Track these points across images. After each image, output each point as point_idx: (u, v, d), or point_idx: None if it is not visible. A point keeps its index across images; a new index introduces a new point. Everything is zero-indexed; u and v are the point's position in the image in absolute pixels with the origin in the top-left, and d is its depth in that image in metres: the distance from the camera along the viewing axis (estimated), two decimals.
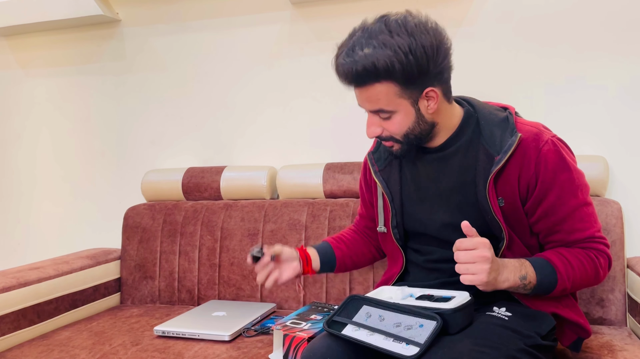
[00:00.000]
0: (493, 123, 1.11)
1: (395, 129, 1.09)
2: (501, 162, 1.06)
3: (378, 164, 1.26)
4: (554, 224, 1.09)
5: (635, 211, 1.58)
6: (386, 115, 1.08)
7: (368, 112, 1.11)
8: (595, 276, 1.08)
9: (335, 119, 1.87)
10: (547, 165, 1.06)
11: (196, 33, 2.01)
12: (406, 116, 1.07)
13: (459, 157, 1.13)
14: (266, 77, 1.94)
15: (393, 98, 1.04)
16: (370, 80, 1.02)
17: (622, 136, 1.59)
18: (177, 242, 1.84)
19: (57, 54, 2.19)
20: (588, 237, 1.08)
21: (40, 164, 2.25)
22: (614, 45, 1.59)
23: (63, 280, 1.67)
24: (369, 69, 1.00)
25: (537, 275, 1.03)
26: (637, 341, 1.29)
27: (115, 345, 1.40)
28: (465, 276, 0.96)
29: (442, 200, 1.15)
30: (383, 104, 1.06)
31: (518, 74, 1.67)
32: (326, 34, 1.85)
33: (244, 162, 1.99)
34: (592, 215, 1.10)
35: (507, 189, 1.08)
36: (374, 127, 1.11)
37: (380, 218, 1.26)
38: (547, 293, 1.06)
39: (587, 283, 1.09)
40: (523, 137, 1.07)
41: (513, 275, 1.01)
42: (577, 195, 1.07)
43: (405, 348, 0.90)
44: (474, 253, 0.96)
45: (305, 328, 1.27)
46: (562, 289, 1.05)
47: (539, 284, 1.04)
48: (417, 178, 1.19)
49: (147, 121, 2.10)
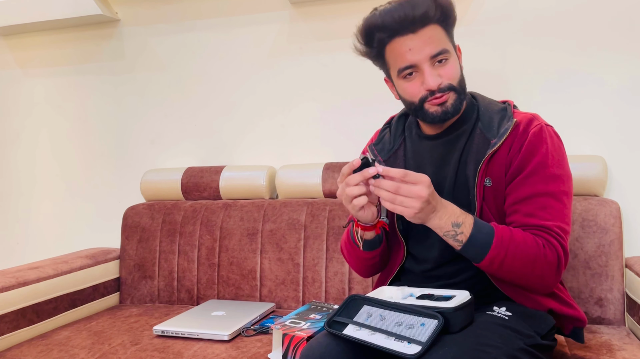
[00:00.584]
0: (492, 111, 1.16)
1: (454, 72, 1.10)
2: (496, 145, 1.09)
3: (381, 154, 1.26)
4: (514, 202, 1.07)
5: (633, 211, 1.58)
6: (445, 57, 1.08)
7: (424, 63, 1.08)
8: (534, 263, 1.01)
9: (334, 119, 1.87)
10: (529, 144, 1.08)
11: (195, 33, 2.01)
12: (456, 61, 1.12)
13: (462, 141, 1.16)
14: (265, 77, 1.94)
15: (446, 40, 1.10)
16: (430, 19, 1.07)
17: (621, 136, 1.59)
18: (176, 242, 1.84)
19: (56, 54, 2.19)
20: (544, 226, 1.04)
21: (39, 164, 2.25)
22: (613, 44, 1.59)
23: (62, 279, 1.67)
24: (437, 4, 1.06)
25: (473, 229, 1.01)
26: (635, 340, 1.29)
27: (114, 345, 1.40)
28: (395, 206, 0.98)
29: (445, 183, 1.16)
30: (444, 44, 1.09)
31: (516, 73, 1.67)
32: (325, 33, 1.86)
33: (243, 162, 1.99)
34: (559, 211, 1.06)
35: (495, 169, 1.10)
36: (434, 77, 1.08)
37: (383, 208, 1.25)
38: (478, 256, 1.02)
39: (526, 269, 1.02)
40: (518, 122, 1.11)
41: (447, 217, 1.01)
42: (548, 183, 1.06)
43: (407, 347, 0.90)
44: (412, 188, 0.96)
45: (305, 327, 1.27)
46: (494, 255, 1.00)
47: (471, 238, 1.01)
48: (422, 165, 1.20)
49: (147, 121, 2.10)
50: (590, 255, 1.45)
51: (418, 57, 1.08)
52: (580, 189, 1.50)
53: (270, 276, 1.72)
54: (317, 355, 0.98)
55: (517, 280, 1.06)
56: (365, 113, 1.82)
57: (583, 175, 1.49)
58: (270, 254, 1.72)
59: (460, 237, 1.01)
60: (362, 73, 1.80)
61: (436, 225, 1.02)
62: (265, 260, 1.73)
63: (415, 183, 0.97)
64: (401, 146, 1.25)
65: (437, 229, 1.03)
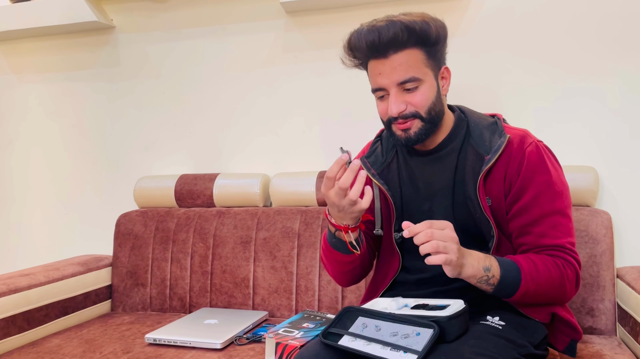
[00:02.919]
0: (482, 126, 1.16)
1: (421, 101, 1.09)
2: (491, 162, 1.09)
3: (374, 167, 1.25)
4: (525, 224, 1.09)
5: (624, 222, 1.59)
6: (414, 85, 1.08)
7: (392, 88, 1.09)
8: (560, 286, 1.05)
9: (328, 127, 1.88)
10: (528, 165, 1.09)
11: (190, 40, 2.01)
12: (431, 88, 1.10)
13: (452, 158, 1.16)
14: (260, 85, 1.95)
15: (421, 66, 1.08)
16: (403, 44, 1.06)
17: (612, 147, 1.61)
18: (169, 249, 1.83)
19: (51, 60, 2.19)
20: (558, 245, 1.07)
21: (32, 170, 2.24)
22: (604, 57, 1.61)
23: (53, 286, 1.66)
24: (408, 29, 1.04)
25: (501, 270, 1.02)
26: (626, 350, 1.30)
27: (105, 353, 1.39)
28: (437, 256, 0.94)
29: (438, 199, 1.17)
30: (413, 71, 1.07)
31: (508, 86, 1.69)
32: (320, 42, 1.87)
33: (237, 170, 1.99)
34: (567, 227, 1.09)
35: (494, 188, 1.11)
36: (399, 103, 1.09)
37: (378, 221, 1.25)
38: (510, 294, 1.04)
39: (552, 292, 1.06)
40: (511, 139, 1.11)
41: (477, 263, 1.00)
42: (554, 201, 1.08)
43: (403, 356, 0.90)
44: (444, 233, 0.96)
45: (298, 336, 1.27)
46: (525, 291, 1.03)
47: (502, 279, 1.02)
48: (415, 180, 1.21)
49: (141, 128, 2.10)
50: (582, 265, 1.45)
51: (386, 81, 1.09)
52: (572, 200, 1.50)
53: (264, 285, 1.71)
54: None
55: (543, 301, 1.08)
56: (359, 122, 1.83)
57: (575, 186, 1.50)
58: (263, 262, 1.72)
59: (492, 281, 1.02)
60: (356, 83, 1.81)
61: (471, 274, 1.00)
62: (258, 268, 1.73)
63: (443, 228, 0.96)
64: (394, 159, 1.25)
65: (472, 277, 1.01)
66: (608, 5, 1.60)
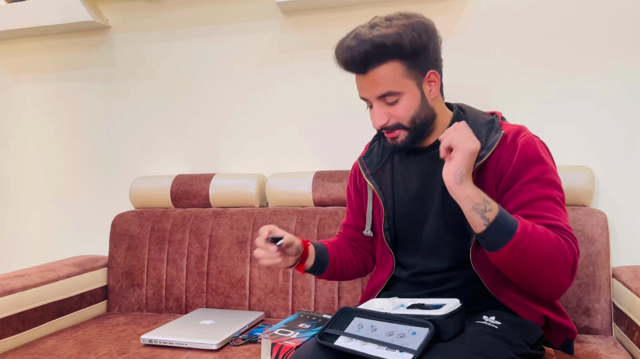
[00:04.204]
0: (480, 123, 1.15)
1: (403, 113, 1.09)
2: (484, 158, 1.08)
3: (370, 168, 1.27)
4: (515, 207, 1.05)
5: (620, 221, 1.60)
6: (393, 99, 1.08)
7: (373, 101, 1.11)
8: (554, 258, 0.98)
9: (325, 127, 1.88)
10: (520, 154, 1.07)
11: (186, 40, 2.01)
12: (412, 98, 1.09)
13: None
14: (256, 85, 1.94)
15: (400, 78, 1.07)
16: (378, 60, 1.05)
17: (608, 147, 1.61)
18: (165, 250, 1.83)
19: (46, 60, 2.18)
20: (557, 226, 1.02)
21: (27, 170, 2.23)
22: (600, 57, 1.61)
23: (49, 287, 1.65)
24: (379, 47, 1.03)
25: (499, 210, 0.98)
26: (622, 350, 1.30)
27: (101, 354, 1.38)
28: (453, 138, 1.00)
29: (431, 198, 1.17)
30: (391, 86, 1.07)
31: (504, 85, 1.69)
32: (316, 42, 1.87)
33: (234, 170, 1.99)
34: (559, 212, 1.04)
35: (487, 182, 1.10)
36: (381, 116, 1.10)
37: (369, 221, 1.27)
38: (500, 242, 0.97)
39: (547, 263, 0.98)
40: (505, 134, 1.11)
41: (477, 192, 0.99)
42: (545, 188, 1.05)
43: (399, 355, 0.90)
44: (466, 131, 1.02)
45: (294, 336, 1.26)
46: (517, 242, 0.95)
47: (497, 218, 0.96)
48: (408, 179, 1.21)
49: (137, 128, 2.09)
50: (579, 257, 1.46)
51: (367, 95, 1.11)
52: (568, 199, 1.51)
53: (260, 285, 1.71)
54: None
55: (533, 275, 1.00)
56: (356, 123, 1.83)
57: (570, 186, 1.50)
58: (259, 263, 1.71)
59: (488, 214, 0.97)
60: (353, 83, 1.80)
61: (469, 194, 0.98)
62: (254, 268, 1.72)
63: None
64: (389, 160, 1.26)
65: (467, 199, 0.98)
66: (602, 5, 1.60)
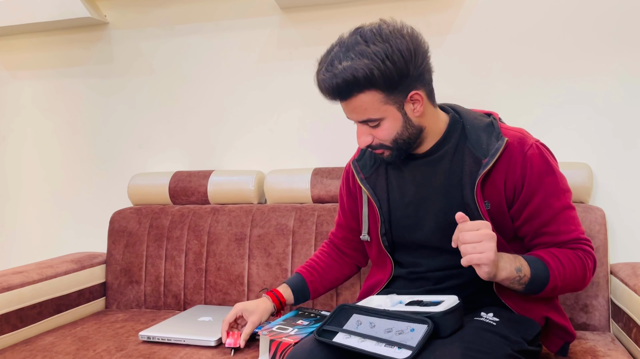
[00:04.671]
0: (479, 127, 1.13)
1: (385, 136, 1.09)
2: (489, 165, 1.07)
3: (363, 171, 1.25)
4: (539, 226, 1.09)
5: (618, 218, 1.60)
6: (374, 124, 1.08)
7: (357, 123, 1.12)
8: (583, 277, 1.08)
9: (323, 124, 1.88)
10: (532, 169, 1.08)
11: (185, 37, 2.00)
12: (394, 121, 1.08)
13: (446, 161, 1.14)
14: (254, 82, 1.94)
15: (379, 106, 1.05)
16: (353, 91, 1.04)
17: (606, 143, 1.61)
18: (163, 246, 1.83)
19: (44, 56, 2.17)
20: (574, 239, 1.09)
21: (25, 167, 2.23)
22: (600, 52, 1.61)
23: (47, 284, 1.65)
24: (349, 81, 1.01)
25: (530, 269, 1.03)
26: (620, 346, 1.31)
27: (99, 351, 1.38)
28: (473, 256, 0.95)
29: (428, 204, 1.16)
30: (370, 113, 1.06)
31: (502, 82, 1.69)
32: (315, 39, 1.86)
33: (232, 166, 1.99)
34: (575, 218, 1.11)
35: (494, 193, 1.09)
36: (364, 137, 1.11)
37: (365, 226, 1.26)
38: (539, 291, 1.05)
39: (575, 283, 1.08)
40: (509, 142, 1.09)
41: (510, 265, 1.01)
42: (561, 198, 1.09)
43: (397, 352, 0.90)
44: (479, 232, 0.96)
45: (292, 333, 1.26)
46: (553, 286, 1.04)
47: (532, 278, 1.03)
48: (404, 184, 1.19)
49: (135, 125, 2.09)
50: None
51: (349, 117, 1.12)
52: None
53: (258, 282, 1.71)
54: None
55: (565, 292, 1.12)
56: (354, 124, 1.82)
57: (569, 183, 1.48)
58: (258, 259, 1.72)
59: (523, 280, 1.03)
60: None
61: (505, 276, 1.01)
62: (253, 265, 1.72)
63: (477, 228, 0.96)
64: (382, 163, 1.24)
65: (505, 281, 1.02)
66: (601, 4, 1.60)
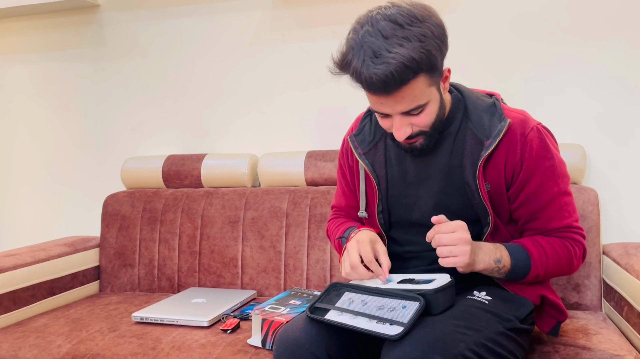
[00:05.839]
0: (481, 108, 1.11)
1: (427, 121, 1.04)
2: (491, 147, 1.06)
3: (362, 147, 1.21)
4: (534, 211, 1.10)
5: (611, 199, 1.60)
6: (419, 110, 1.02)
7: (394, 115, 1.02)
8: (568, 266, 1.09)
9: (317, 107, 1.87)
10: (531, 151, 1.07)
11: (177, 19, 1.99)
12: (435, 103, 1.03)
13: (448, 141, 1.12)
14: (248, 64, 1.93)
15: (424, 89, 0.99)
16: (407, 78, 0.95)
17: (600, 125, 1.61)
18: (157, 230, 1.82)
19: (35, 40, 2.15)
20: (566, 226, 1.09)
21: (18, 151, 2.22)
22: (593, 35, 1.60)
23: (40, 267, 1.64)
24: (407, 66, 0.93)
25: (511, 259, 1.05)
26: (611, 325, 1.31)
27: (92, 331, 1.38)
28: (448, 259, 0.99)
29: (429, 183, 1.15)
30: (419, 99, 1.00)
31: (497, 63, 1.68)
32: (308, 20, 1.85)
33: (225, 150, 1.98)
34: (571, 205, 1.11)
35: (494, 174, 1.09)
36: (405, 128, 1.04)
37: (362, 202, 1.24)
38: (520, 279, 1.08)
39: (561, 271, 1.10)
40: (511, 123, 1.08)
41: (488, 257, 1.04)
42: (558, 183, 1.09)
43: (389, 328, 0.90)
44: (454, 236, 0.98)
45: (284, 312, 1.27)
46: (534, 276, 1.07)
47: (512, 268, 1.05)
48: (404, 162, 1.17)
49: (127, 108, 2.07)
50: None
51: (390, 111, 1.02)
52: None
53: (252, 264, 1.71)
54: (292, 338, 0.98)
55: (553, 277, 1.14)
56: (348, 102, 1.81)
57: None
58: (251, 242, 1.72)
59: (503, 270, 1.05)
60: None
61: (483, 268, 1.04)
62: (246, 247, 1.72)
63: (453, 230, 0.99)
64: (382, 138, 1.20)
65: (484, 271, 1.05)
66: None
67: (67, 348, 1.30)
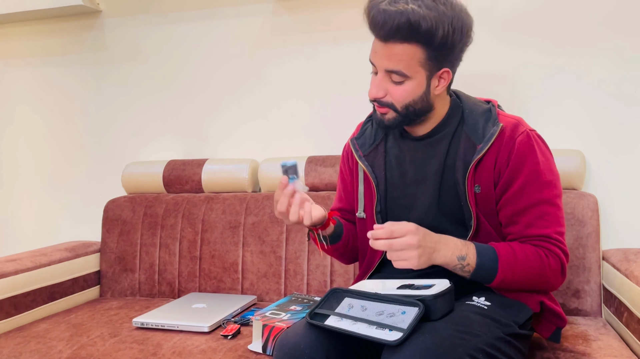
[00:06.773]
0: (477, 113, 1.14)
1: (400, 97, 1.07)
2: (483, 151, 1.08)
3: (362, 149, 1.25)
4: (513, 214, 1.09)
5: (611, 204, 1.60)
6: (399, 79, 1.06)
7: (379, 71, 1.08)
8: (540, 275, 1.06)
9: (317, 112, 1.87)
10: (517, 154, 1.08)
11: (178, 24, 1.99)
12: (417, 87, 1.07)
13: (444, 143, 1.15)
14: (248, 70, 1.93)
15: (414, 64, 1.04)
16: (406, 37, 1.01)
17: (599, 130, 1.61)
18: (157, 235, 1.83)
19: (37, 45, 2.16)
20: (543, 235, 1.07)
21: (19, 156, 2.22)
22: (591, 41, 1.61)
23: (41, 272, 1.65)
24: (413, 24, 0.98)
25: (477, 259, 1.04)
26: (611, 331, 1.31)
27: (93, 337, 1.39)
28: (398, 262, 1.00)
29: (426, 184, 1.16)
30: (403, 66, 1.04)
31: (496, 69, 1.69)
32: (308, 26, 1.85)
33: (226, 155, 1.99)
34: (554, 216, 1.09)
35: (484, 176, 1.10)
36: (379, 89, 1.08)
37: (361, 203, 1.25)
38: (487, 281, 1.06)
39: (532, 281, 1.07)
40: (503, 127, 1.10)
41: (451, 253, 1.03)
42: (542, 190, 1.08)
43: (388, 334, 0.91)
44: (402, 241, 0.99)
45: (285, 318, 1.27)
46: (501, 279, 1.05)
47: (477, 268, 1.04)
48: (403, 163, 1.20)
49: (128, 113, 2.08)
50: (568, 247, 1.46)
51: (377, 62, 1.08)
52: None
53: (252, 269, 1.71)
54: (292, 343, 0.98)
55: (526, 287, 1.10)
56: (349, 107, 1.82)
57: (562, 169, 1.49)
58: (252, 247, 1.72)
59: (467, 268, 1.04)
60: (346, 66, 1.80)
61: (443, 263, 1.04)
62: (247, 253, 1.72)
63: (402, 234, 0.99)
64: (382, 141, 1.24)
65: (445, 266, 1.05)
66: None
67: (68, 353, 1.30)
